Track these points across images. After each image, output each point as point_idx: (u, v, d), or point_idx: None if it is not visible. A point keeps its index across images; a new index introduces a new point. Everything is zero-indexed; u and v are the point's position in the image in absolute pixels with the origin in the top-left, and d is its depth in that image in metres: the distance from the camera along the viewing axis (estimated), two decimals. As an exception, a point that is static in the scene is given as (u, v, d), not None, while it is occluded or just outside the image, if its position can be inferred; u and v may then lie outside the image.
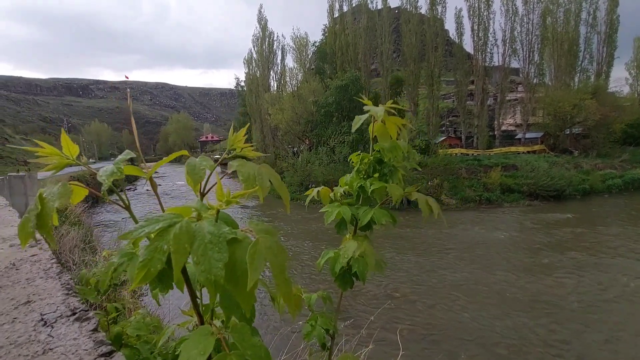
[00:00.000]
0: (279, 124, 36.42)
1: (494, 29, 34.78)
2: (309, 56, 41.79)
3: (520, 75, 38.67)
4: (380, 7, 36.21)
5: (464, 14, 35.04)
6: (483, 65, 34.73)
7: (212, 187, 0.60)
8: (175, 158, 0.93)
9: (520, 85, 41.34)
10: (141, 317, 1.83)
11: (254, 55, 44.81)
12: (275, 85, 44.24)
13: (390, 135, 0.99)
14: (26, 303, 1.11)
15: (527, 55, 35.42)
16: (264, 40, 43.20)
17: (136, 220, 0.63)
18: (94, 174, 0.63)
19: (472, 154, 32.67)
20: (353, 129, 1.04)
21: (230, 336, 0.58)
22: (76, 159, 0.64)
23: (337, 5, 38.37)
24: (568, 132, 35.29)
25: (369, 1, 36.24)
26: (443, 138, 38.42)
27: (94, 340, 0.85)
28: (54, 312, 1.00)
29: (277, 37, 50.02)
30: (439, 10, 34.10)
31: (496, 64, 35.76)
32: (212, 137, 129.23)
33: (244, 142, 0.68)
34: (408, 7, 34.75)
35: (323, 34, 42.30)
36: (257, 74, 44.59)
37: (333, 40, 36.92)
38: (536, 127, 37.67)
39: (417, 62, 33.71)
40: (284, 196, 0.61)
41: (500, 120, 37.60)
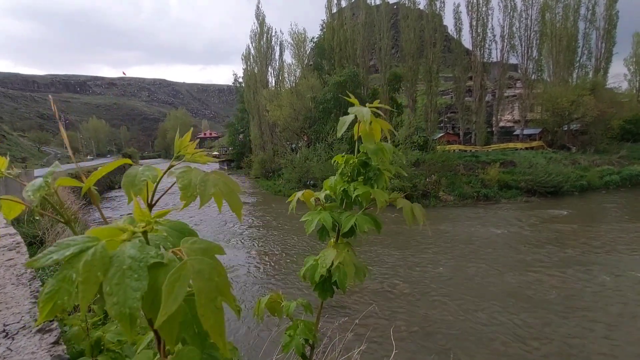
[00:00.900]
0: (277, 120, 36.28)
1: (492, 25, 34.67)
2: (307, 52, 41.57)
3: (519, 71, 38.60)
4: (378, 2, 35.97)
5: (463, 9, 34.97)
6: (481, 61, 34.63)
7: (162, 195, 0.55)
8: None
9: (518, 82, 41.28)
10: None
11: (252, 52, 44.56)
12: (273, 82, 44.06)
13: (375, 138, 0.95)
14: (-9, 312, 1.07)
15: (525, 51, 35.32)
16: (262, 36, 42.93)
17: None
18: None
19: (470, 150, 32.67)
20: (338, 134, 0.99)
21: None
22: (5, 172, 0.58)
23: (335, 0, 38.12)
24: (566, 128, 35.29)
25: (367, -4, 36.01)
26: (441, 134, 38.41)
27: (51, 355, 0.81)
28: (18, 322, 0.96)
29: (275, 32, 49.79)
30: (438, 5, 33.93)
31: (495, 60, 35.67)
32: (211, 133, 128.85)
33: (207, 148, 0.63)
34: (406, 2, 34.54)
35: (321, 30, 42.06)
36: (255, 70, 44.36)
37: (331, 36, 36.70)
38: (534, 123, 37.66)
39: (416, 58, 33.57)
40: (235, 207, 0.56)
41: (499, 117, 37.58)
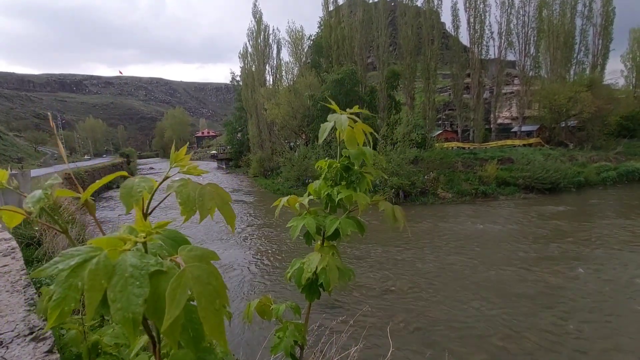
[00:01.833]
0: (275, 118, 36.21)
1: (490, 22, 34.60)
2: (305, 50, 41.45)
3: (517, 68, 38.59)
4: (376, -1, 35.88)
5: (460, 6, 34.84)
6: (479, 58, 34.60)
7: (158, 205, 0.57)
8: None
9: (516, 78, 41.29)
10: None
11: (249, 50, 44.42)
12: (271, 80, 43.93)
13: (358, 142, 0.97)
14: (-15, 321, 1.08)
15: (523, 47, 35.31)
16: (259, 34, 42.76)
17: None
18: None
19: (469, 148, 32.74)
20: (320, 140, 1.01)
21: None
22: (5, 184, 0.61)
23: (332, -2, 37.96)
24: (563, 125, 35.39)
25: (364, -6, 35.89)
26: (439, 132, 38.44)
27: (44, 364, 0.82)
28: (12, 330, 0.98)
29: (273, 30, 49.60)
30: (435, 2, 33.81)
31: (492, 56, 35.65)
32: (209, 132, 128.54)
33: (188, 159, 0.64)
34: (404, -1, 34.48)
35: (319, 28, 41.93)
36: (253, 69, 44.21)
37: (329, 33, 36.58)
38: (532, 120, 37.76)
39: (414, 55, 33.52)
40: (229, 217, 0.58)
41: (497, 114, 37.61)
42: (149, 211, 0.58)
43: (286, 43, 41.08)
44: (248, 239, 16.71)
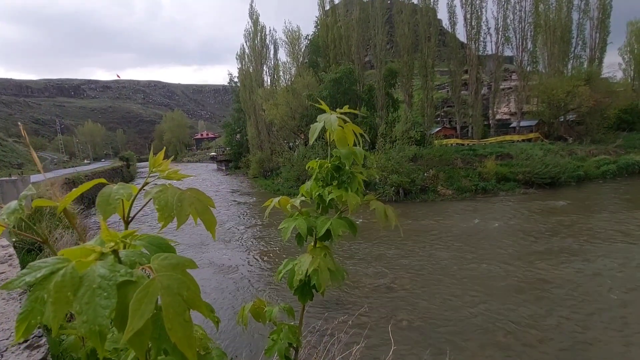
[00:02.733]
0: (273, 119, 36.21)
1: (486, 18, 34.58)
2: (302, 50, 41.43)
3: (514, 63, 38.58)
4: (372, -3, 35.84)
5: (457, 3, 34.90)
6: (476, 54, 34.58)
7: (138, 212, 0.57)
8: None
9: (514, 74, 41.28)
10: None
11: (247, 51, 44.45)
12: (268, 80, 43.95)
13: (349, 141, 0.96)
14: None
15: (520, 43, 35.27)
16: (256, 35, 42.78)
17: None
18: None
19: (468, 144, 32.70)
20: (310, 141, 1.00)
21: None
22: None
23: (328, -3, 37.93)
24: (562, 119, 35.36)
25: (360, -8, 35.83)
26: (438, 129, 38.46)
27: (38, 372, 0.82)
28: (7, 338, 0.98)
29: (270, 31, 49.65)
30: (431, -1, 33.85)
31: (490, 52, 35.63)
32: (208, 134, 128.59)
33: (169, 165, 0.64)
34: (400, -3, 34.45)
35: (315, 27, 41.90)
36: (250, 70, 44.23)
37: (325, 33, 36.57)
38: (530, 115, 37.71)
39: (411, 53, 33.51)
40: (209, 223, 0.57)
41: (495, 109, 37.60)
42: (129, 218, 0.57)
43: (283, 43, 41.09)
44: (249, 240, 16.71)
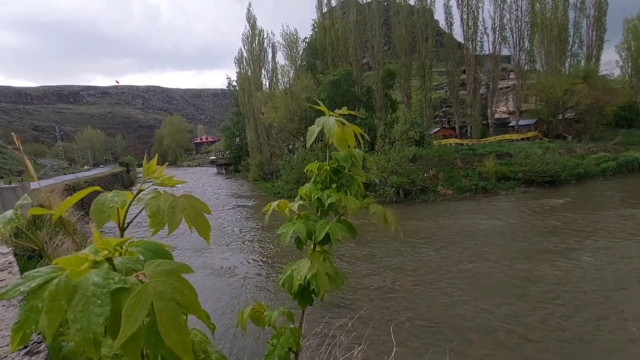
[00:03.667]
0: (272, 122, 36.27)
1: (483, 18, 34.81)
2: (300, 53, 41.58)
3: (512, 62, 38.68)
4: (369, -1, 36.01)
5: (453, 3, 34.94)
6: (474, 54, 34.68)
7: (133, 219, 0.57)
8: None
9: (511, 73, 41.38)
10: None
11: (245, 54, 44.58)
12: (267, 84, 44.05)
13: (349, 143, 0.96)
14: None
15: (517, 42, 35.39)
16: (254, 39, 42.92)
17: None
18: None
19: (467, 144, 32.72)
20: (308, 144, 1.00)
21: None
22: None
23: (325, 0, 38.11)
24: (561, 118, 35.40)
25: (357, -6, 35.98)
26: (437, 129, 38.46)
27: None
28: (7, 345, 0.98)
29: (267, 34, 49.61)
30: (428, 0, 33.97)
31: (487, 52, 35.72)
32: (207, 138, 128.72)
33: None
34: (397, -2, 34.59)
35: (313, 30, 42.05)
36: (249, 73, 44.34)
37: (323, 35, 36.70)
38: (529, 113, 37.76)
39: (408, 54, 33.60)
40: (202, 229, 0.57)
41: (493, 109, 37.66)
42: (125, 225, 0.57)
43: (281, 46, 41.27)
44: (249, 243, 16.69)
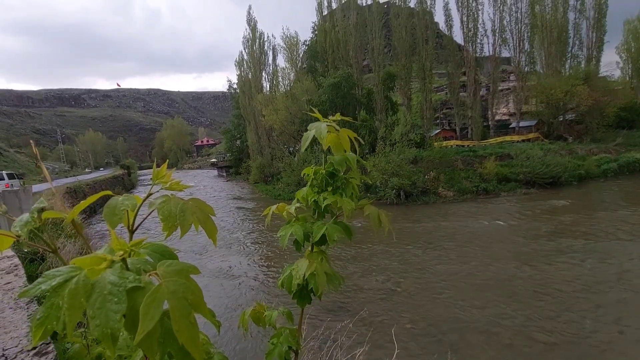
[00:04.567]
0: (273, 124, 36.37)
1: (483, 20, 34.85)
2: (300, 55, 41.71)
3: (512, 64, 38.73)
4: (369, 2, 36.11)
5: (452, 5, 35.08)
6: (474, 56, 34.74)
7: (143, 221, 0.60)
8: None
9: (512, 74, 41.45)
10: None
11: (245, 57, 44.77)
12: (267, 86, 44.21)
13: (345, 147, 0.99)
14: (-9, 337, 1.10)
15: (517, 44, 35.46)
16: (255, 42, 43.12)
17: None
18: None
19: (468, 145, 32.75)
20: (302, 149, 1.03)
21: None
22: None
23: (325, 2, 38.24)
24: (561, 119, 35.40)
25: (357, -3, 36.13)
26: (438, 131, 38.52)
27: (46, 377, 0.84)
28: (16, 346, 1.01)
29: (268, 37, 50.08)
30: (428, 3, 34.07)
31: (487, 54, 35.81)
32: (208, 140, 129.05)
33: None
34: (397, 1, 34.66)
35: (313, 32, 42.21)
36: (249, 76, 44.52)
37: (323, 38, 36.81)
38: (529, 115, 37.78)
39: (409, 56, 33.67)
40: (210, 231, 0.60)
41: (494, 110, 37.69)
42: (134, 228, 0.60)
43: (281, 49, 41.39)
44: (250, 245, 16.72)
